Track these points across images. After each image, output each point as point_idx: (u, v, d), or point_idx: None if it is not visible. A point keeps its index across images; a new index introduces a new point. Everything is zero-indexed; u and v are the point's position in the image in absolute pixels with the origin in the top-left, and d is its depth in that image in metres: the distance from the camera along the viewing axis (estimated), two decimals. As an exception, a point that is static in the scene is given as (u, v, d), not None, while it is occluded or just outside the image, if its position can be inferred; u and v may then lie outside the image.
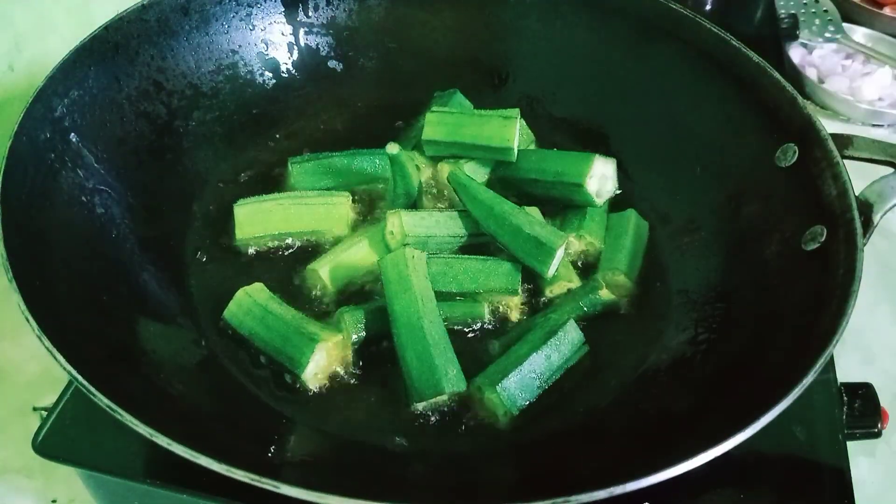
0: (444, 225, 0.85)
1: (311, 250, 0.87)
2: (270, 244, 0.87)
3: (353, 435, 0.72)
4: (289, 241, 0.87)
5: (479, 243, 0.87)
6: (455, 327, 0.80)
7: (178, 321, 0.79)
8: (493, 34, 1.05)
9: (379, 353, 0.78)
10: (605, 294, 0.83)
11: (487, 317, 0.81)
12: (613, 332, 0.82)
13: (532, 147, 0.98)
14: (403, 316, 0.75)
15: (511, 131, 0.88)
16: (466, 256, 0.84)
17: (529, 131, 0.97)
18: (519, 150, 0.90)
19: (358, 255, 0.84)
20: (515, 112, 0.89)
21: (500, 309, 0.83)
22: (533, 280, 0.84)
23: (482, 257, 0.84)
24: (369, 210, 0.91)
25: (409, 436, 0.72)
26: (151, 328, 0.76)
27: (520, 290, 0.83)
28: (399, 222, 0.82)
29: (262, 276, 0.82)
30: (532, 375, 0.74)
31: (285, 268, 0.85)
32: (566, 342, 0.77)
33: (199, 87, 0.95)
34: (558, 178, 0.87)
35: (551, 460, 0.71)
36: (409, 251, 0.78)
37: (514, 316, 0.83)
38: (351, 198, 0.89)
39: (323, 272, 0.82)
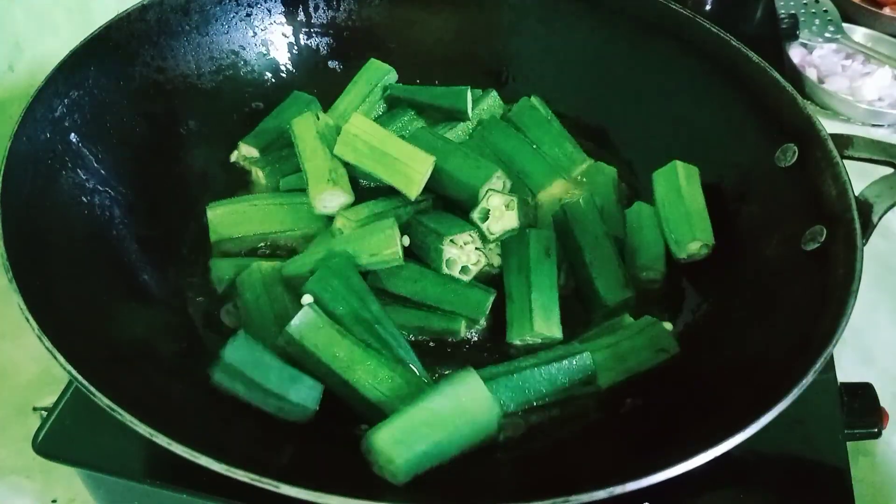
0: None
1: (290, 249, 0.86)
2: (249, 244, 0.86)
3: (353, 434, 0.72)
4: (267, 241, 0.86)
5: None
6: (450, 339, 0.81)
7: (178, 321, 0.79)
8: (494, 34, 1.05)
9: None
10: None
11: (463, 333, 0.80)
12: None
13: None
14: None
15: None
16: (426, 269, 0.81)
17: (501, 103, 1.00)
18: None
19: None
20: None
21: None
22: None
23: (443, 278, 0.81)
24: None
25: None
26: (151, 328, 0.76)
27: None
28: (344, 220, 0.82)
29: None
30: (534, 380, 0.73)
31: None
32: (577, 369, 0.74)
33: (200, 88, 0.95)
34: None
35: (551, 460, 0.71)
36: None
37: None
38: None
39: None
